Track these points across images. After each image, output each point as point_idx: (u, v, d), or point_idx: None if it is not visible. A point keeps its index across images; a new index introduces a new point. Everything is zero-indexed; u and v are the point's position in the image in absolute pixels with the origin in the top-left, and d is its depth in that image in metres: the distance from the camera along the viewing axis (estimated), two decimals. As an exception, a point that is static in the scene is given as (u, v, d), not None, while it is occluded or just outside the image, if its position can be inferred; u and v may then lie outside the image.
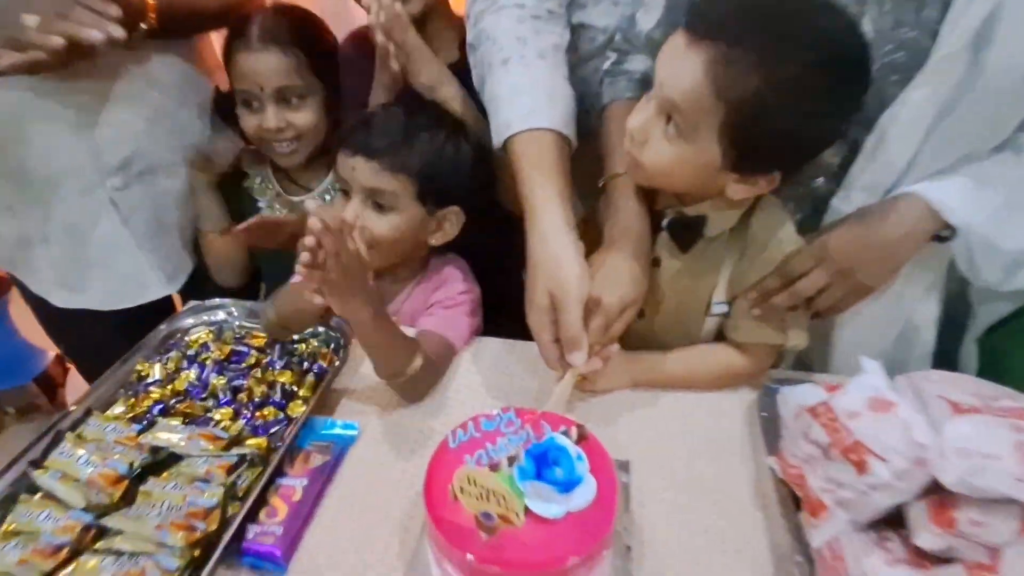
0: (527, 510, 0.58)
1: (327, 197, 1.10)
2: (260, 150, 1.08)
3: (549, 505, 0.57)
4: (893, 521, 0.60)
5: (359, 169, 0.85)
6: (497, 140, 0.84)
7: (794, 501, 0.66)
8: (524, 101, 0.82)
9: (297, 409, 0.79)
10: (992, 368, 0.95)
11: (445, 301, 0.93)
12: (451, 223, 0.91)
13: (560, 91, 0.85)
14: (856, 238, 0.75)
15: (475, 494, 0.55)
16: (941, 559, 0.56)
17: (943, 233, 0.75)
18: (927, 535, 0.54)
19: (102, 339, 0.99)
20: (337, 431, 0.78)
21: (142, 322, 0.94)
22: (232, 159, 1.11)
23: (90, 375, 1.04)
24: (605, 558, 0.60)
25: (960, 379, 0.63)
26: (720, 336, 0.87)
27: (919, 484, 0.56)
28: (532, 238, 0.76)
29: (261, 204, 1.11)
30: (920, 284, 0.84)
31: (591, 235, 0.83)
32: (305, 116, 1.01)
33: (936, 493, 0.56)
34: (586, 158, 0.88)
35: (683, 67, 0.66)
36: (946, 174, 0.74)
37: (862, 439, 0.58)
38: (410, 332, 0.86)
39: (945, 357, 0.92)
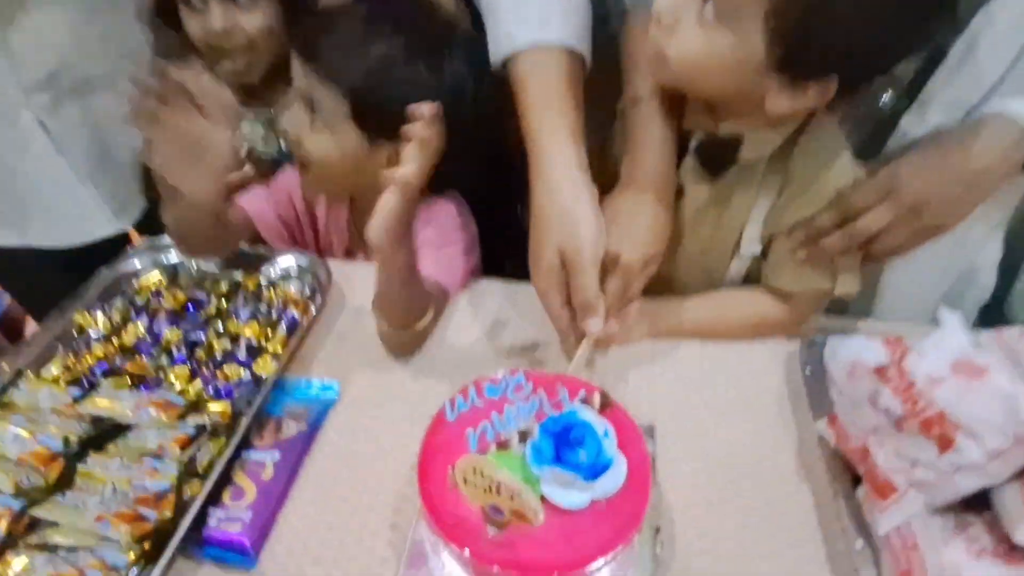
0: (543, 499, 0.48)
1: None
2: (210, 69, 0.92)
3: (570, 493, 0.48)
4: (972, 502, 0.51)
5: (295, 69, 0.72)
6: (496, 56, 0.69)
7: (849, 473, 0.57)
8: (531, 8, 0.67)
9: (266, 367, 0.68)
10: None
11: (436, 240, 0.80)
12: None
13: None
14: (932, 168, 0.63)
15: (482, 486, 0.45)
16: (1037, 551, 0.47)
17: None
18: (1029, 529, 0.45)
19: (52, 283, 0.87)
20: (314, 393, 0.67)
21: (97, 262, 0.82)
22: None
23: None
24: (633, 543, 0.51)
25: (1061, 337, 0.53)
26: (747, 280, 0.75)
27: (1016, 467, 0.47)
28: (538, 186, 0.63)
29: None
30: (988, 221, 0.72)
31: (604, 169, 0.71)
32: (256, 19, 0.85)
33: (1034, 475, 0.47)
34: (601, 78, 0.73)
35: None
36: None
37: (948, 411, 0.48)
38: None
39: (991, 301, 0.82)
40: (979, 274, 0.78)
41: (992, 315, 0.88)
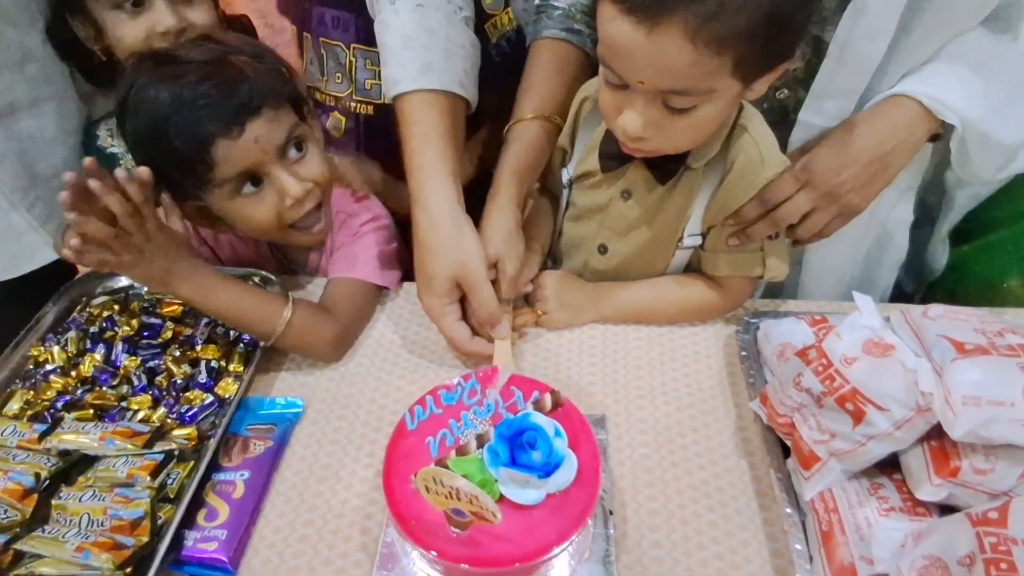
0: (501, 497, 0.52)
1: None
2: None
3: (526, 491, 0.52)
4: (884, 465, 0.56)
5: (262, 138, 0.69)
6: (386, 92, 0.75)
7: (780, 446, 0.63)
8: (413, 55, 0.72)
9: (229, 389, 0.69)
10: (956, 273, 0.92)
11: (346, 242, 0.82)
12: None
13: (459, 40, 0.75)
14: (843, 155, 0.67)
15: (443, 493, 0.48)
16: (939, 505, 0.53)
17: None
18: (929, 488, 0.51)
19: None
20: (279, 410, 0.70)
21: (43, 292, 0.81)
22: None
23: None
24: (588, 528, 0.56)
25: (960, 312, 0.58)
26: (688, 268, 0.80)
27: (919, 433, 0.53)
28: (421, 221, 0.70)
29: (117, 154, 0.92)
30: (897, 187, 0.77)
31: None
32: (203, 13, 0.82)
33: (935, 439, 0.53)
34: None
35: (658, 55, 0.53)
36: (935, 65, 0.66)
37: (860, 387, 0.54)
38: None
39: (910, 257, 0.89)
40: (894, 236, 0.83)
41: (912, 272, 0.95)
